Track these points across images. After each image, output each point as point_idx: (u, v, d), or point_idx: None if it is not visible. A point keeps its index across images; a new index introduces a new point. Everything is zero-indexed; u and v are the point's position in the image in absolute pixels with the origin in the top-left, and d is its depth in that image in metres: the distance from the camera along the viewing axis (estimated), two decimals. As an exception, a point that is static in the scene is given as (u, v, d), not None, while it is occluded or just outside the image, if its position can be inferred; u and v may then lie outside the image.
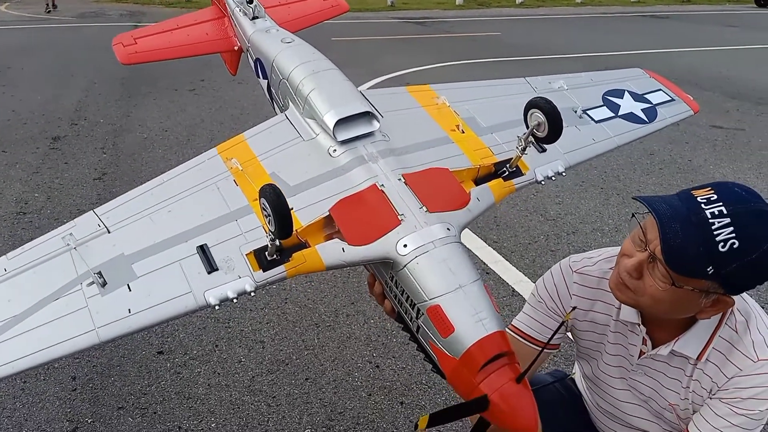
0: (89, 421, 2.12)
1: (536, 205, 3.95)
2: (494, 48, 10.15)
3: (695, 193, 1.10)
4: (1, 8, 17.69)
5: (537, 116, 1.26)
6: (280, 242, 1.11)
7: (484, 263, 3.17)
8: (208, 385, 2.29)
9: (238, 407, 2.18)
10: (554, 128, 1.25)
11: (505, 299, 2.83)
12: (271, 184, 1.03)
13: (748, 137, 5.43)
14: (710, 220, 1.05)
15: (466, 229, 3.56)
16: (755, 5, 18.73)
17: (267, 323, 2.67)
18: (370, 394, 2.25)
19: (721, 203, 1.06)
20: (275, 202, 1.01)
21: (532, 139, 1.30)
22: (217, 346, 2.51)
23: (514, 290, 2.92)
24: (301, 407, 2.18)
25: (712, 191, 1.09)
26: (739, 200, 1.07)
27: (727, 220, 1.04)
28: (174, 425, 2.10)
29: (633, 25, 14.14)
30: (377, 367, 2.39)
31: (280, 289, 2.93)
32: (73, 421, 2.12)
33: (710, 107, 6.34)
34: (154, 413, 2.15)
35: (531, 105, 1.27)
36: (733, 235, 1.04)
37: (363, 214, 1.17)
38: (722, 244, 1.04)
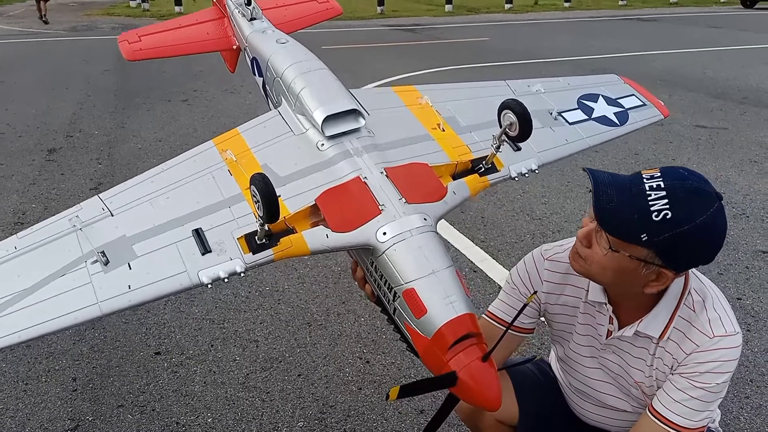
0: (90, 419, 2.20)
1: (523, 205, 4.05)
2: (483, 53, 10.28)
3: (644, 171, 1.20)
4: (-8, 23, 17.77)
5: (509, 117, 1.35)
6: (268, 227, 1.19)
7: (472, 262, 3.26)
8: (204, 382, 2.37)
9: (234, 403, 2.26)
10: (524, 128, 1.34)
11: (491, 296, 2.92)
12: (261, 173, 1.12)
13: (731, 136, 5.55)
14: (647, 192, 1.14)
15: (454, 229, 3.63)
16: (741, 6, 18.97)
17: (261, 323, 2.75)
18: (360, 388, 2.33)
19: (661, 179, 1.16)
20: (264, 189, 1.10)
21: (505, 138, 1.39)
22: (212, 346, 2.59)
23: (500, 287, 3.01)
24: (294, 401, 2.26)
25: (658, 170, 1.19)
26: (678, 177, 1.16)
27: (663, 193, 1.13)
28: (172, 421, 2.18)
29: (620, 28, 14.30)
30: (367, 362, 2.48)
31: (273, 290, 3.02)
32: (74, 419, 2.19)
33: (694, 107, 6.47)
34: (153, 410, 2.23)
35: (503, 106, 1.36)
36: (667, 206, 1.12)
37: (346, 203, 1.26)
38: (656, 213, 1.13)
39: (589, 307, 1.42)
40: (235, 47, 2.13)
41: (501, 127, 1.37)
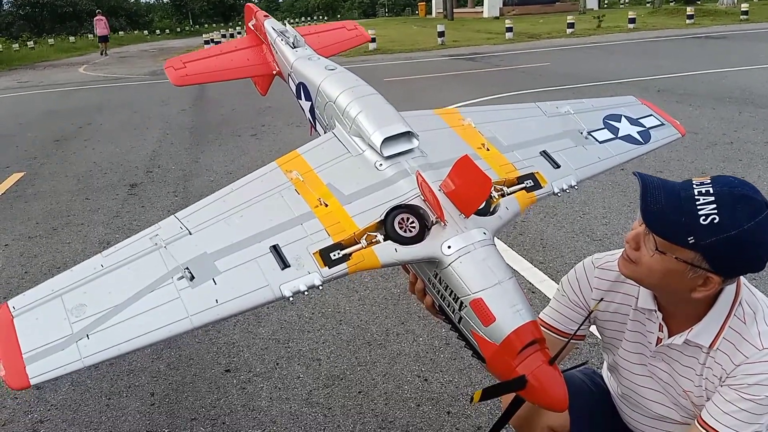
0: (166, 431, 2.35)
1: (583, 226, 4.03)
2: (544, 78, 10.27)
3: (695, 178, 1.23)
4: (79, 70, 19.22)
5: None
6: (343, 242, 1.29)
7: (531, 283, 3.28)
8: (270, 398, 2.49)
9: (297, 418, 2.37)
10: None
11: (550, 316, 2.92)
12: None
13: (806, 152, 5.32)
14: (696, 197, 1.18)
15: (513, 251, 3.65)
16: (820, 18, 18.11)
17: (323, 343, 2.86)
18: (418, 405, 2.39)
19: (711, 185, 1.19)
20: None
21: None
22: (278, 364, 2.72)
23: (559, 308, 3.00)
24: (354, 417, 2.35)
25: (709, 178, 1.22)
26: (728, 185, 1.19)
27: (712, 198, 1.17)
28: (240, 433, 2.31)
29: (687, 47, 13.95)
30: (425, 380, 2.54)
31: (335, 311, 3.14)
32: (152, 431, 2.35)
33: (766, 125, 6.23)
34: (223, 423, 2.36)
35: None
36: (715, 211, 1.15)
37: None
38: (704, 217, 1.16)
39: (639, 315, 1.44)
40: (274, 72, 2.22)
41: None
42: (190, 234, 1.31)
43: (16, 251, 4.30)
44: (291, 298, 1.23)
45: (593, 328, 1.65)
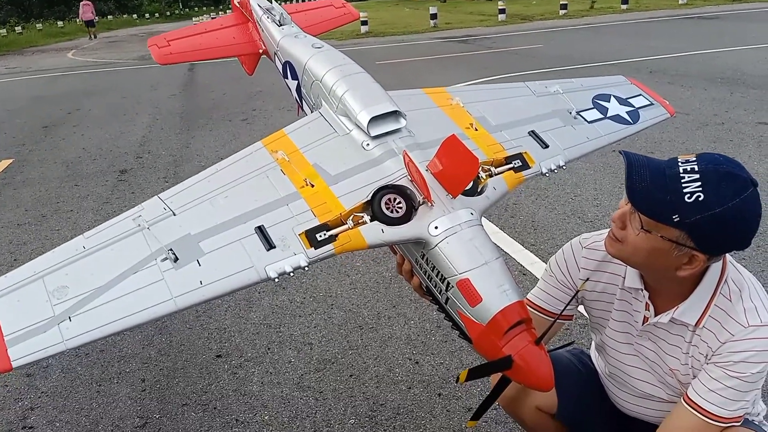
0: (157, 417, 2.35)
1: (574, 208, 4.03)
2: (536, 60, 10.22)
3: (680, 156, 1.23)
4: (68, 55, 19.00)
5: None
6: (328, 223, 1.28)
7: (521, 265, 3.28)
8: (262, 383, 2.49)
9: (289, 402, 2.37)
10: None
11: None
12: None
13: (797, 132, 5.33)
14: (681, 174, 1.17)
15: (504, 234, 3.64)
16: (813, -2, 18.05)
17: (315, 327, 2.86)
18: (410, 388, 2.40)
19: (696, 162, 1.18)
20: None
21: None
22: (269, 349, 2.72)
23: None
24: (345, 400, 2.35)
25: (695, 155, 1.21)
26: (713, 162, 1.19)
27: (697, 176, 1.16)
28: (231, 418, 2.30)
29: (680, 28, 13.90)
30: (417, 363, 2.54)
31: (326, 295, 3.13)
32: (143, 417, 2.35)
33: (757, 105, 6.23)
34: (214, 408, 2.36)
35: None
36: (700, 188, 1.15)
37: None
38: (688, 195, 1.16)
39: (625, 294, 1.45)
40: (261, 51, 2.17)
41: None
42: (174, 215, 1.29)
43: (5, 239, 4.27)
44: (276, 279, 1.22)
45: (581, 308, 1.65)
